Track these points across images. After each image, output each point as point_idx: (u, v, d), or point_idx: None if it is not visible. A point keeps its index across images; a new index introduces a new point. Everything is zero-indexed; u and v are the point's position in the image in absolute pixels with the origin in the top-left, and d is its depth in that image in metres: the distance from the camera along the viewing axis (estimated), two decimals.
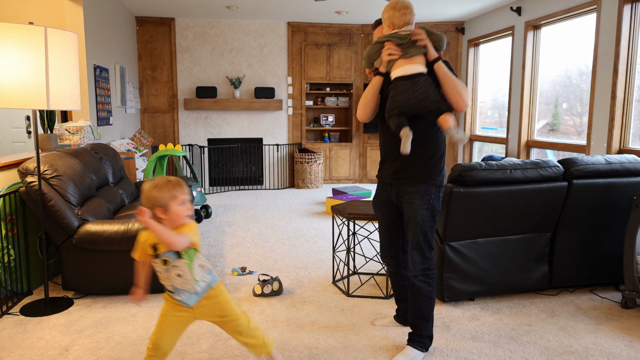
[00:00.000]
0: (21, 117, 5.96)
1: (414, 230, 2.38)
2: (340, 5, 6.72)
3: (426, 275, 2.40)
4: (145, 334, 2.69)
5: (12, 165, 3.39)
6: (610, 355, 2.48)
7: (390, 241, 2.62)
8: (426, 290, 2.40)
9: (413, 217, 2.38)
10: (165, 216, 1.87)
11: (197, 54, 7.70)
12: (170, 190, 1.86)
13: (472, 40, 7.50)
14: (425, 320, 2.43)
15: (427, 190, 2.36)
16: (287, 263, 3.98)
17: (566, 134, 5.70)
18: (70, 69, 2.88)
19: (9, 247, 3.04)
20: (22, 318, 2.90)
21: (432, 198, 2.38)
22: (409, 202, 2.38)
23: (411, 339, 2.46)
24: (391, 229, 2.59)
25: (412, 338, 2.46)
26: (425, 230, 2.38)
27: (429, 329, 2.44)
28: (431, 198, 2.38)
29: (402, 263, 2.65)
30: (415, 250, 2.39)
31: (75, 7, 4.80)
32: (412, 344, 2.45)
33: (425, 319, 2.42)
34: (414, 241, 2.39)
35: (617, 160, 3.19)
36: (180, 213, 1.88)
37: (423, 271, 2.39)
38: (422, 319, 2.43)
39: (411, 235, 2.40)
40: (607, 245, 3.26)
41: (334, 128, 8.35)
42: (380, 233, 2.65)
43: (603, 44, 4.81)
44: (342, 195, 6.10)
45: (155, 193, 1.85)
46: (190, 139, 7.86)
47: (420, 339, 2.44)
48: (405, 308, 2.75)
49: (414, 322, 2.45)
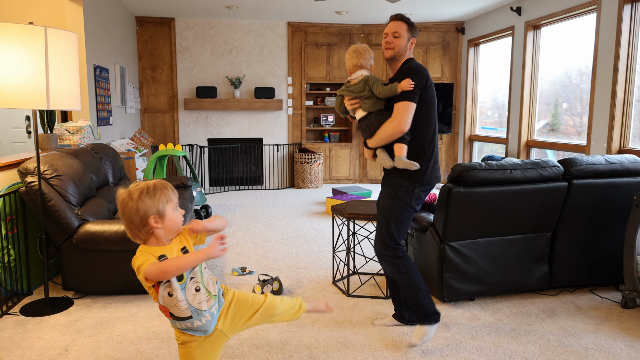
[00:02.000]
0: (21, 117, 5.96)
1: (379, 217, 2.56)
2: (340, 5, 6.72)
3: (393, 264, 2.52)
4: (145, 334, 2.69)
5: (12, 165, 3.39)
6: (610, 355, 2.48)
7: None
8: (400, 279, 2.54)
9: (379, 203, 2.57)
10: (159, 225, 1.61)
11: (197, 54, 7.70)
12: (164, 194, 1.62)
13: (472, 40, 7.50)
14: (417, 304, 2.54)
15: (398, 183, 2.50)
16: (287, 263, 3.98)
17: (566, 134, 5.70)
18: (70, 69, 2.88)
19: (9, 247, 3.04)
20: (22, 318, 2.90)
21: (401, 190, 2.49)
22: (380, 193, 2.59)
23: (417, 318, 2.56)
24: None
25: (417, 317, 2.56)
26: (387, 218, 2.50)
27: (425, 308, 2.52)
28: (400, 189, 2.49)
29: None
30: (378, 237, 2.56)
31: (75, 7, 4.80)
32: (418, 322, 2.56)
33: (416, 302, 2.54)
34: (378, 228, 2.56)
35: (617, 160, 3.19)
36: (177, 219, 1.65)
37: (389, 259, 2.52)
38: (413, 303, 2.57)
39: (377, 223, 2.58)
40: (607, 245, 3.26)
41: (334, 128, 8.35)
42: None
43: (603, 44, 4.81)
44: (342, 195, 6.10)
45: (149, 200, 1.58)
46: (190, 139, 7.86)
47: (419, 316, 2.54)
48: (400, 303, 2.80)
49: (408, 305, 2.70)
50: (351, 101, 2.54)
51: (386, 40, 2.53)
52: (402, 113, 2.37)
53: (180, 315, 1.65)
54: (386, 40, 2.53)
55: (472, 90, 7.69)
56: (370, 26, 8.04)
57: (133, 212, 1.58)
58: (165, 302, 1.63)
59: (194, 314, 1.65)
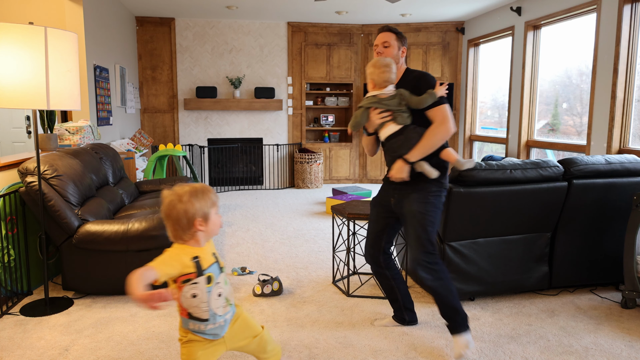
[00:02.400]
0: (21, 117, 5.96)
1: (413, 224, 2.44)
2: (340, 5, 6.72)
3: (432, 270, 2.41)
4: (145, 334, 2.69)
5: (12, 165, 3.39)
6: (610, 355, 2.48)
7: (373, 239, 2.70)
8: (439, 286, 2.41)
9: (411, 210, 2.44)
10: (203, 227, 1.66)
11: (197, 54, 7.70)
12: (210, 197, 1.68)
13: (472, 40, 7.50)
14: (454, 310, 2.44)
15: (426, 187, 2.44)
16: (287, 263, 3.98)
17: (566, 134, 5.70)
18: (70, 69, 2.87)
19: (9, 247, 3.04)
20: (22, 318, 2.90)
21: (430, 193, 2.43)
22: (407, 198, 2.47)
23: (451, 329, 2.47)
24: (378, 226, 2.67)
25: (451, 328, 2.47)
26: (424, 223, 2.42)
27: (461, 312, 2.45)
28: (430, 193, 2.43)
29: (384, 263, 2.71)
30: (417, 244, 2.42)
31: (75, 7, 4.80)
32: (456, 331, 2.46)
33: (453, 308, 2.44)
34: (414, 236, 2.43)
35: (617, 160, 3.19)
36: (218, 222, 1.72)
37: (428, 266, 2.40)
38: (451, 309, 2.44)
39: (411, 230, 2.45)
40: (607, 245, 3.26)
41: (334, 128, 8.35)
42: (367, 230, 2.74)
43: (603, 44, 4.81)
44: (342, 195, 6.10)
45: (197, 203, 1.64)
46: (190, 139, 7.86)
47: (458, 324, 2.45)
48: (399, 307, 2.77)
49: (445, 315, 2.48)
50: (382, 114, 2.46)
51: (377, 51, 2.57)
52: (447, 115, 2.41)
53: (199, 317, 1.68)
54: (377, 51, 2.57)
55: (472, 90, 7.69)
56: (370, 26, 8.04)
57: (181, 213, 1.62)
58: (187, 302, 1.67)
59: (211, 317, 1.70)
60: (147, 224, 3.16)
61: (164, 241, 3.17)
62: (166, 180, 4.91)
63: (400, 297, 2.76)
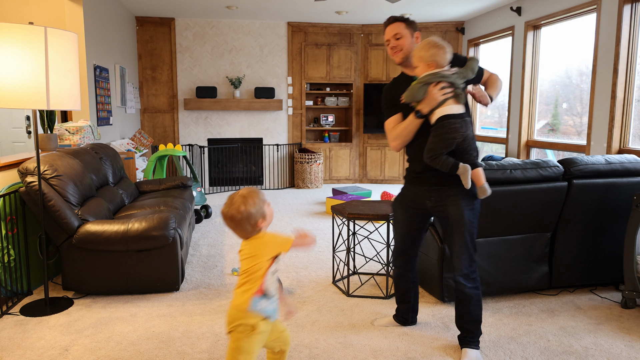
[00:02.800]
0: (21, 117, 5.96)
1: (461, 232, 2.35)
2: (340, 5, 6.72)
3: (473, 279, 2.38)
4: (145, 334, 2.69)
5: (12, 165, 3.39)
6: (610, 355, 2.48)
7: (405, 244, 2.61)
8: (475, 295, 2.39)
9: (459, 218, 2.35)
10: (265, 223, 1.89)
11: (197, 54, 7.70)
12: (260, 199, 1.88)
13: (472, 40, 7.50)
14: (478, 323, 2.42)
15: (468, 193, 2.36)
16: (287, 263, 3.98)
17: (566, 134, 5.70)
18: (70, 69, 2.88)
19: (9, 247, 3.04)
20: (22, 318, 2.90)
21: (475, 201, 2.39)
22: (454, 204, 2.35)
23: (466, 341, 2.44)
24: (412, 230, 2.57)
25: (467, 340, 2.44)
26: (471, 231, 2.36)
27: (479, 326, 2.44)
28: (475, 201, 2.38)
29: (411, 266, 2.66)
30: (463, 252, 2.36)
31: (75, 7, 4.80)
32: (470, 345, 2.43)
33: (477, 321, 2.42)
34: (461, 243, 2.36)
35: (617, 160, 3.19)
36: (271, 212, 1.95)
37: (470, 274, 2.37)
38: (475, 322, 2.42)
39: (458, 237, 2.36)
40: (607, 245, 3.26)
41: (334, 128, 8.35)
42: (397, 233, 2.63)
43: (603, 44, 4.81)
44: (342, 195, 6.10)
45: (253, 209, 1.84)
46: (190, 139, 7.86)
47: (474, 338, 2.43)
48: (406, 309, 2.76)
49: (466, 326, 2.43)
50: (444, 89, 2.24)
51: (390, 46, 2.43)
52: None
53: (270, 292, 1.88)
54: (390, 46, 2.43)
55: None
56: (370, 26, 8.04)
57: (244, 222, 1.85)
58: (270, 279, 1.88)
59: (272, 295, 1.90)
60: (147, 224, 3.16)
61: (164, 241, 3.17)
62: (166, 180, 4.91)
63: (413, 300, 2.75)
